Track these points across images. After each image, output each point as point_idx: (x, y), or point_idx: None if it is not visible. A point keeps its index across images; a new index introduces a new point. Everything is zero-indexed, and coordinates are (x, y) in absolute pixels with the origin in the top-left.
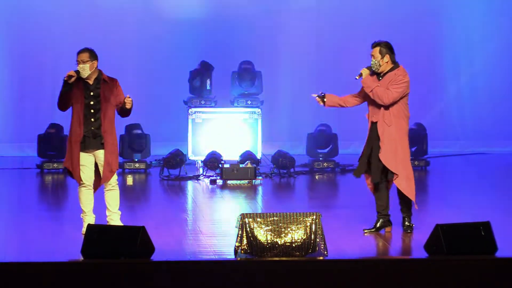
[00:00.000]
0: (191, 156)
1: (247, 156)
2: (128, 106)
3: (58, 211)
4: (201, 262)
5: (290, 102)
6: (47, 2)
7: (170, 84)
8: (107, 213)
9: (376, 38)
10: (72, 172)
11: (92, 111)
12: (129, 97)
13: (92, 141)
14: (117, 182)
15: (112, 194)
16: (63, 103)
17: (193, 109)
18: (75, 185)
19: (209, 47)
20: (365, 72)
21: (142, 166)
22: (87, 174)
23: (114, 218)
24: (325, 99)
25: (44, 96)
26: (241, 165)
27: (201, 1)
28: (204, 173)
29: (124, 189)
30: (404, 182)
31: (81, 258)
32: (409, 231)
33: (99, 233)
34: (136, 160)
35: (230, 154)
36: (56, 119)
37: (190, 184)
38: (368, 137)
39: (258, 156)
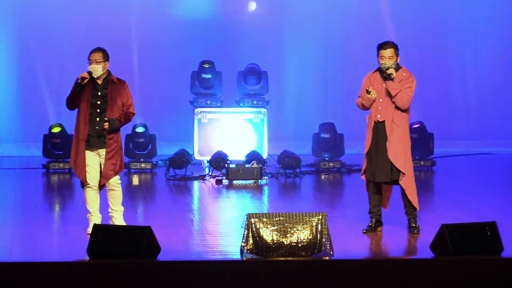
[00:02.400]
0: (197, 156)
1: (253, 156)
2: (105, 127)
3: (64, 211)
4: (207, 262)
5: (296, 102)
6: (52, 2)
7: (176, 84)
8: (110, 210)
9: (383, 38)
10: (77, 172)
11: (98, 110)
12: (105, 125)
13: (96, 140)
14: (119, 183)
15: (114, 194)
16: (73, 103)
17: (199, 109)
18: (80, 185)
19: (215, 47)
20: (394, 72)
21: (148, 166)
22: (92, 175)
23: (116, 215)
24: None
25: (49, 96)
26: (247, 165)
27: (207, 1)
28: (210, 173)
29: (130, 189)
30: (409, 181)
31: (87, 258)
32: (415, 232)
33: (105, 233)
34: (142, 160)
35: (236, 154)
36: (61, 119)
37: (196, 184)
38: (373, 136)
39: (264, 156)
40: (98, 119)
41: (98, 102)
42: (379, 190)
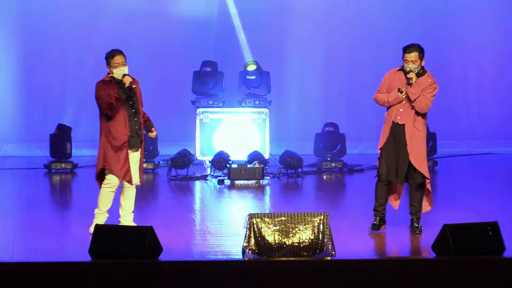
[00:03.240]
0: (198, 156)
1: (255, 156)
2: (152, 135)
3: (65, 211)
4: (208, 262)
5: (298, 102)
6: (55, 4)
7: (178, 84)
8: (121, 212)
9: (385, 38)
10: (121, 175)
11: (133, 110)
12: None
13: (136, 140)
14: None
15: (130, 193)
16: (118, 108)
17: (201, 109)
18: (82, 185)
19: (217, 47)
20: (414, 77)
21: (150, 166)
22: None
23: (128, 219)
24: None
25: (52, 96)
26: (248, 165)
27: (208, 1)
28: (212, 173)
29: None
30: (428, 186)
31: (89, 258)
32: (417, 232)
33: (106, 233)
34: (144, 160)
35: (238, 154)
36: (65, 119)
37: (198, 184)
38: (389, 137)
39: (266, 156)
40: (136, 119)
41: (131, 102)
42: (388, 190)
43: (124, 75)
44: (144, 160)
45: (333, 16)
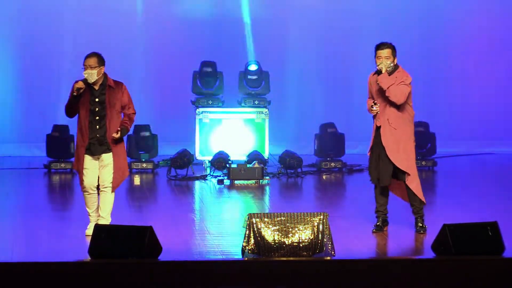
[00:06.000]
0: (198, 156)
1: (255, 156)
2: (115, 137)
3: (65, 211)
4: (208, 262)
5: (298, 102)
6: (53, 4)
7: (177, 84)
8: (99, 214)
9: (384, 38)
10: (79, 177)
11: (97, 118)
12: (117, 134)
13: (98, 147)
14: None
15: (105, 197)
16: (72, 111)
17: (201, 109)
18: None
19: (217, 47)
20: (384, 67)
21: (150, 166)
22: (89, 178)
23: (102, 222)
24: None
25: (51, 96)
26: (248, 165)
27: (208, 1)
28: (212, 173)
29: (131, 189)
30: (415, 182)
31: (89, 258)
32: (422, 231)
33: (106, 233)
34: (143, 160)
35: (238, 154)
36: (63, 119)
37: (197, 184)
38: (374, 141)
39: (266, 156)
40: (98, 126)
41: (97, 109)
42: (385, 190)
43: (83, 80)
44: (143, 160)
45: (333, 16)
